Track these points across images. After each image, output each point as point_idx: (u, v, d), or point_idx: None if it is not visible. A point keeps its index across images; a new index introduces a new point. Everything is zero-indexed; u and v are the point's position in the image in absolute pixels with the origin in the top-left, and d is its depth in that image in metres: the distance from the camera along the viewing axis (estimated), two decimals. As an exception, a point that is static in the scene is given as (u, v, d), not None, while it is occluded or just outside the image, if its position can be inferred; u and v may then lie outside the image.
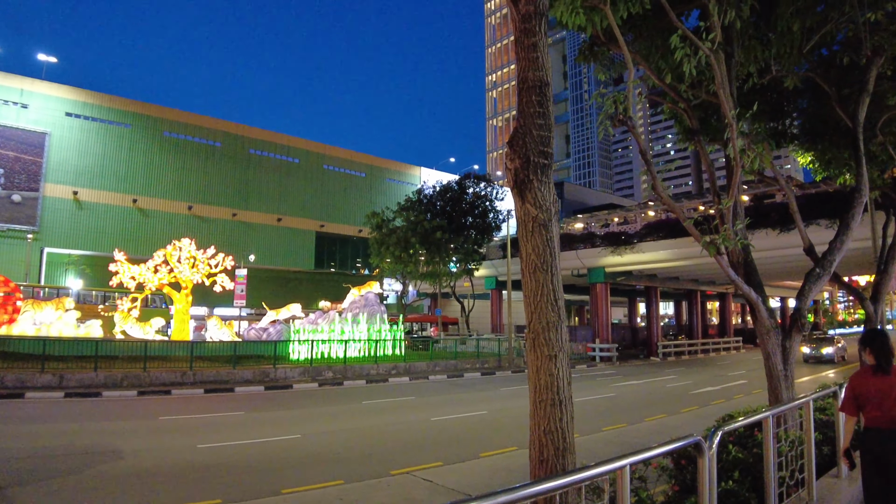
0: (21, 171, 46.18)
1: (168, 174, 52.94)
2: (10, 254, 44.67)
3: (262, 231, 57.03)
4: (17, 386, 19.78)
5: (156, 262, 29.35)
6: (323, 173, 62.22)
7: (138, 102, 53.37)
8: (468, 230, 45.29)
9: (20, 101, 46.82)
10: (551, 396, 4.99)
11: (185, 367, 23.37)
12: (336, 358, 28.65)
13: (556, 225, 5.32)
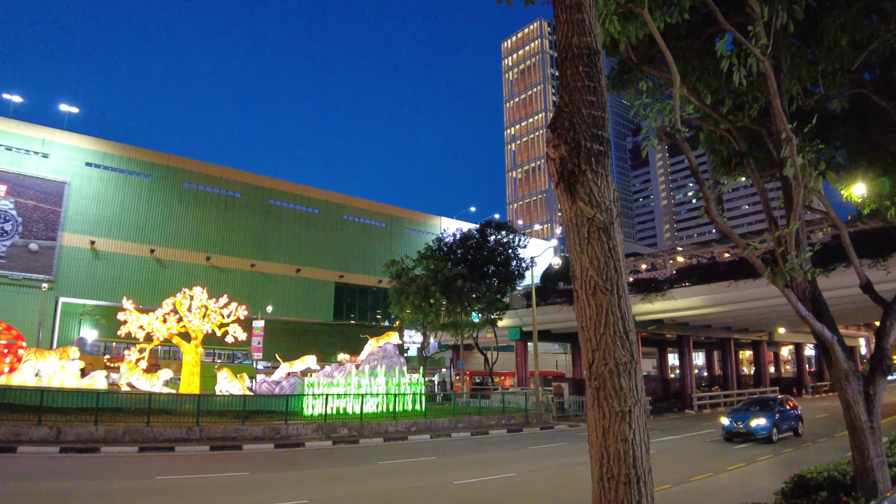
0: (39, 220, 46.14)
1: (186, 224, 52.69)
2: (25, 303, 44.21)
3: (280, 282, 56.23)
4: (9, 439, 18.49)
5: (164, 312, 28.20)
6: (342, 223, 61.68)
7: (158, 153, 53.66)
8: (490, 278, 43.87)
9: (41, 151, 47.18)
10: (625, 472, 3.59)
11: (191, 422, 21.92)
12: (352, 413, 27.03)
13: (620, 230, 3.96)
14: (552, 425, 30.83)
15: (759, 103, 9.29)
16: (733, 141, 9.55)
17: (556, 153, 4.00)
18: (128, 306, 28.18)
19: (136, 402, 23.24)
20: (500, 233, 46.09)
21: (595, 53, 4.08)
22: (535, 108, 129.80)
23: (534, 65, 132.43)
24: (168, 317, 28.38)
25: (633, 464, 3.59)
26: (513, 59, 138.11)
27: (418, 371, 33.24)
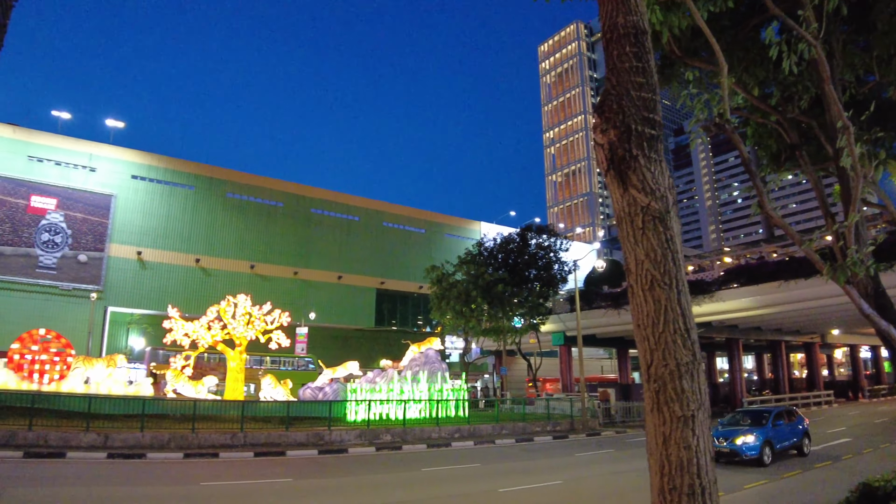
0: (88, 232, 47.54)
1: (230, 234, 53.59)
2: (74, 312, 45.44)
3: (322, 289, 56.71)
4: (60, 445, 18.87)
5: (209, 319, 28.53)
6: (382, 230, 62.00)
7: (202, 165, 54.84)
8: (532, 283, 43.34)
9: (89, 165, 48.67)
10: (688, 482, 3.28)
11: (235, 428, 22.04)
12: (395, 419, 26.90)
13: (677, 219, 3.67)
14: (598, 432, 30.19)
15: (809, 93, 8.88)
16: (783, 133, 9.12)
17: (604, 138, 3.76)
18: (173, 314, 28.55)
19: (182, 409, 23.50)
20: (542, 236, 45.58)
21: (642, 33, 3.86)
22: (574, 110, 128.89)
23: (571, 67, 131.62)
24: (213, 324, 28.67)
25: (697, 473, 3.29)
26: (550, 62, 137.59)
27: (460, 377, 33.01)
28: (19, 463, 16.74)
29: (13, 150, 47.28)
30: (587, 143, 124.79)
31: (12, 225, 45.99)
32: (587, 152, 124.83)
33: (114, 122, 54.16)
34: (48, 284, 46.29)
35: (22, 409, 21.08)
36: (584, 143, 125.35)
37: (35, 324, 31.97)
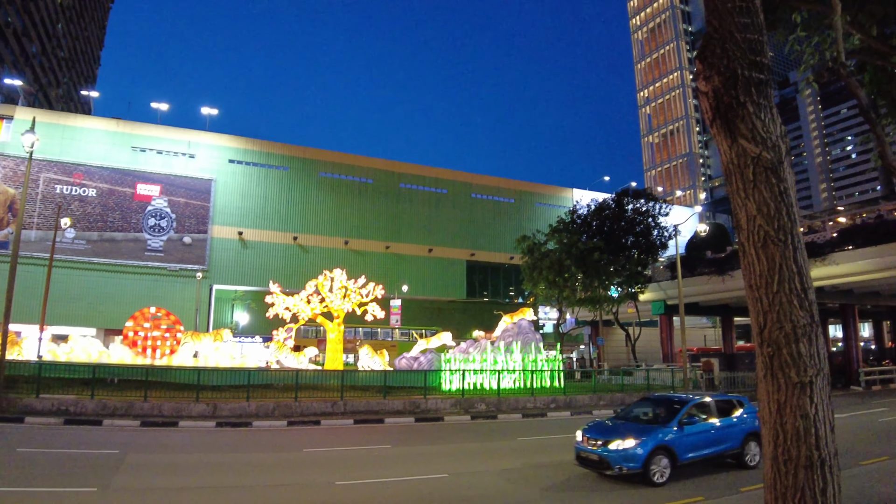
0: (191, 216, 50.33)
1: (324, 212, 55.16)
2: (182, 291, 48.48)
3: (413, 262, 57.51)
4: (172, 415, 20.06)
5: (308, 293, 29.64)
6: (471, 202, 61.90)
7: (295, 146, 56.59)
8: (629, 250, 42.10)
9: (188, 152, 51.36)
10: (805, 453, 2.99)
11: (335, 396, 22.78)
12: (489, 389, 27.01)
13: (791, 170, 3.34)
14: (701, 402, 29.17)
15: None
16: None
17: (707, 86, 3.47)
18: (275, 290, 29.91)
19: (285, 379, 24.55)
20: (639, 201, 44.04)
21: (744, -28, 3.52)
22: (669, 66, 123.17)
23: (664, 21, 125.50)
24: (311, 298, 29.80)
25: (815, 444, 3.01)
26: (640, 17, 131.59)
27: (555, 348, 32.65)
28: (137, 431, 17.93)
29: (118, 143, 50.49)
30: (685, 101, 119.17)
31: (121, 212, 49.30)
32: (685, 110, 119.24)
33: (209, 110, 56.74)
34: (157, 266, 49.44)
35: (137, 381, 22.53)
36: (682, 101, 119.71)
37: (146, 303, 34.21)
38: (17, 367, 22.50)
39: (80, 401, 19.80)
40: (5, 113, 48.83)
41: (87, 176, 49.00)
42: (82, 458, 13.28)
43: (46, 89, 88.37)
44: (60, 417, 18.62)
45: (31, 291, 37.48)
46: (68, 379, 22.46)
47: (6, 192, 47.45)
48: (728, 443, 12.98)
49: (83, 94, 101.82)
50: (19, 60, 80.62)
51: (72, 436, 16.26)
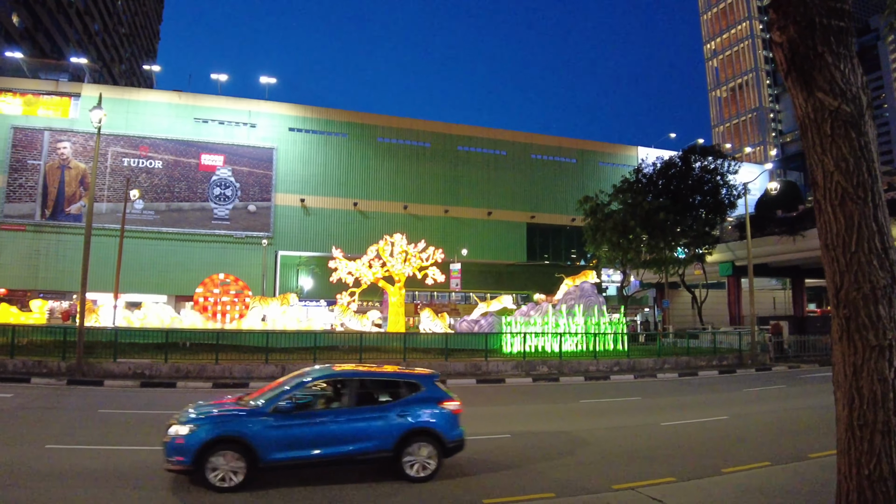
0: (254, 184, 51.72)
1: (383, 177, 55.59)
2: (249, 258, 50.06)
3: (473, 225, 57.44)
4: (243, 376, 20.86)
5: (370, 258, 30.16)
6: (531, 163, 61.03)
7: (353, 112, 56.99)
8: (696, 210, 40.89)
9: (249, 122, 52.58)
10: (882, 419, 2.86)
11: (398, 358, 23.30)
12: (551, 352, 26.94)
13: (872, 124, 3.11)
14: (769, 367, 28.40)
15: None
16: None
17: (782, 37, 3.24)
18: (337, 255, 30.56)
19: (349, 341, 25.12)
20: (706, 159, 42.56)
21: None
22: (738, 16, 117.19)
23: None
24: (373, 262, 30.32)
25: (893, 409, 2.86)
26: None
27: (619, 311, 32.27)
28: (210, 392, 18.54)
29: (181, 115, 51.97)
30: (754, 52, 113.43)
31: (187, 183, 51.02)
32: (755, 62, 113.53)
33: (267, 79, 57.65)
34: (223, 234, 51.18)
35: (208, 345, 23.43)
36: (751, 53, 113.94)
37: (214, 270, 35.43)
38: (95, 334, 23.68)
39: (155, 364, 20.76)
40: (73, 91, 50.88)
41: (152, 148, 50.77)
42: (158, 418, 13.90)
43: (110, 66, 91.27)
44: (137, 380, 19.59)
45: (104, 261, 39.35)
46: (143, 344, 23.52)
47: (77, 166, 49.64)
48: (370, 441, 8.87)
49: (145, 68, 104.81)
50: (83, 39, 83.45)
51: (148, 397, 17.07)
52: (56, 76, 53.48)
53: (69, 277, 46.60)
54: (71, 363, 20.03)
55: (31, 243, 48.76)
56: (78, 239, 46.69)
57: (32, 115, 50.24)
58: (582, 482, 8.98)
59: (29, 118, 50.07)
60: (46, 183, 49.44)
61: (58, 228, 49.22)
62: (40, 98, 50.63)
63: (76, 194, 49.81)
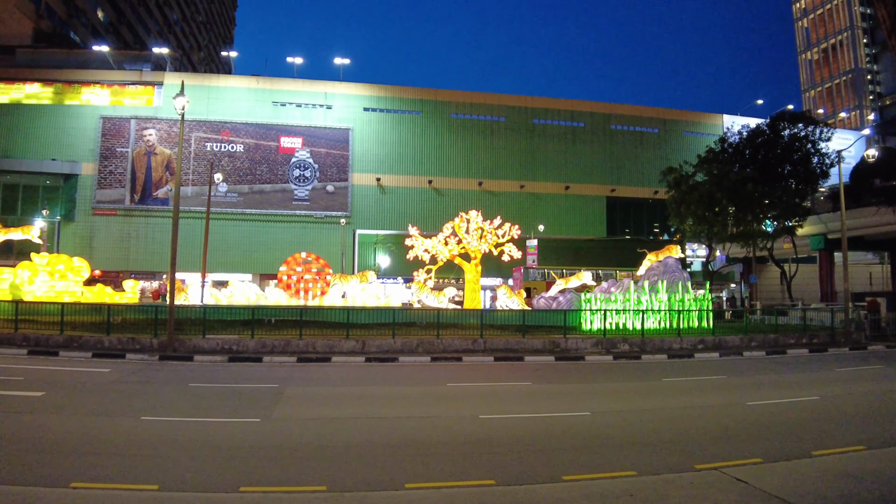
0: (332, 165, 52.92)
1: (458, 153, 55.49)
2: (328, 237, 51.45)
3: (550, 200, 56.57)
4: (325, 351, 21.29)
5: (446, 235, 30.19)
6: (610, 134, 59.32)
7: (426, 90, 56.98)
8: (786, 180, 38.85)
9: (325, 104, 53.74)
10: None
11: (475, 335, 23.23)
12: (632, 329, 26.23)
13: None
14: (864, 346, 26.68)
15: None
16: None
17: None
18: (413, 233, 30.74)
19: (426, 318, 25.26)
20: (796, 126, 40.29)
21: None
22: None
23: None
24: (449, 240, 30.32)
25: None
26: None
27: (703, 286, 31.03)
28: (294, 366, 19.12)
29: (260, 99, 53.42)
30: (849, 10, 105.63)
31: (268, 165, 52.55)
32: (850, 20, 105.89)
33: (341, 60, 58.46)
34: (303, 214, 52.62)
35: (292, 321, 23.96)
36: (846, 10, 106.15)
37: (296, 249, 36.41)
38: (184, 312, 24.61)
39: (242, 340, 21.46)
40: (156, 80, 53.00)
41: (233, 133, 52.46)
42: (246, 391, 14.37)
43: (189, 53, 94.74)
44: (225, 356, 20.28)
45: (191, 242, 41.02)
46: (230, 321, 24.37)
47: (163, 152, 51.86)
48: None
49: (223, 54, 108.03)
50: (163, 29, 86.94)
51: (236, 372, 17.61)
52: (139, 66, 55.70)
53: (158, 258, 49.25)
54: (162, 339, 20.95)
55: (122, 227, 51.37)
56: (165, 222, 49.05)
57: (119, 105, 52.56)
58: (663, 461, 8.68)
59: (116, 108, 52.42)
60: (134, 169, 51.81)
61: (146, 212, 51.61)
62: (126, 88, 52.89)
63: (162, 179, 52.05)
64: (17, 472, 7.68)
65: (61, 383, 14.75)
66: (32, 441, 9.25)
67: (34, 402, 12.30)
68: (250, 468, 8.17)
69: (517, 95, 59.05)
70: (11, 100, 52.04)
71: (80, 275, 29.36)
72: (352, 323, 23.26)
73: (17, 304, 23.43)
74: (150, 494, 7.04)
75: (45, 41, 57.79)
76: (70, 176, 51.22)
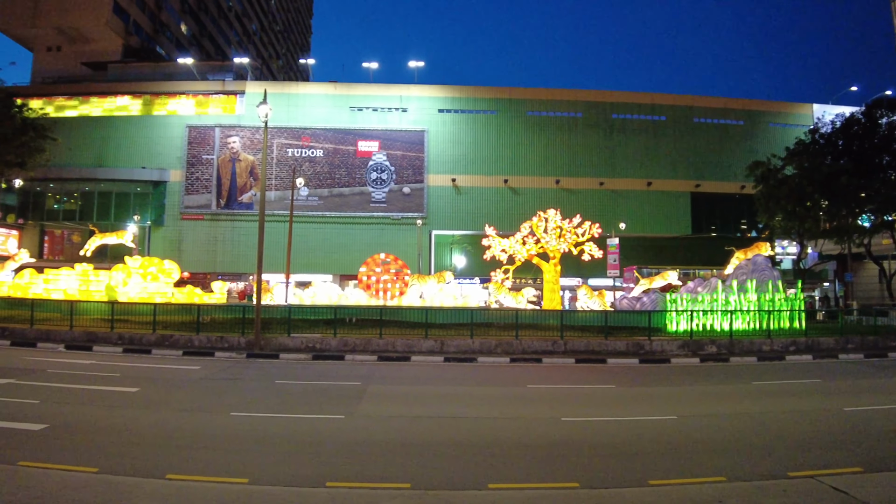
0: (408, 167, 53.68)
1: (534, 152, 54.93)
2: (404, 238, 52.13)
3: (631, 197, 55.07)
4: (404, 350, 21.48)
5: (523, 235, 29.92)
6: (693, 128, 57.16)
7: (500, 88, 56.75)
8: (884, 171, 36.48)
9: (400, 107, 54.52)
10: None
11: (555, 335, 22.78)
12: (720, 330, 25.19)
13: None
14: (980, 348, 24.77)
15: None
16: None
17: None
18: (490, 233, 30.60)
19: (504, 318, 25.00)
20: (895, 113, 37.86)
21: None
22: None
23: None
24: (527, 239, 30.03)
25: None
26: None
27: (795, 285, 29.51)
28: (374, 365, 19.35)
29: (338, 104, 54.60)
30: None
31: (347, 169, 53.76)
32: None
33: (415, 63, 59.08)
34: (380, 216, 53.36)
35: (372, 321, 24.34)
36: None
37: (374, 250, 36.97)
38: (270, 311, 25.37)
39: (325, 339, 21.97)
40: (238, 89, 55.21)
41: (313, 138, 53.94)
42: (330, 388, 14.63)
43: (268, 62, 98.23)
44: (309, 354, 20.73)
45: (274, 245, 42.24)
46: (313, 320, 24.98)
47: (246, 158, 53.90)
48: None
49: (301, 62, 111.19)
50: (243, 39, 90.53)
51: (319, 369, 17.97)
52: (222, 76, 58.11)
53: (243, 260, 51.18)
54: (249, 338, 21.67)
55: (209, 231, 53.60)
56: (250, 225, 51.02)
57: (204, 114, 54.95)
58: (754, 467, 8.28)
59: (201, 117, 54.81)
60: (220, 175, 53.98)
61: (232, 216, 53.62)
62: (210, 98, 55.26)
63: (247, 184, 54.00)
64: (117, 462, 8.06)
65: (155, 380, 15.44)
66: (130, 434, 9.69)
67: (130, 397, 12.92)
68: (336, 464, 8.29)
69: (595, 90, 57.67)
70: (105, 112, 55.26)
71: (170, 277, 30.82)
72: (430, 323, 23.38)
73: (113, 304, 24.78)
74: (241, 487, 7.22)
75: (134, 56, 61.69)
76: (159, 183, 53.85)
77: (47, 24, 59.97)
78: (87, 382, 14.52)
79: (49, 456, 8.27)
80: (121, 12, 61.61)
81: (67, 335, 22.52)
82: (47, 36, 61.32)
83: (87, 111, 55.50)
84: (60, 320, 24.08)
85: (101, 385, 14.22)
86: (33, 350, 20.92)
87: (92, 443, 9.12)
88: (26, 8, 59.84)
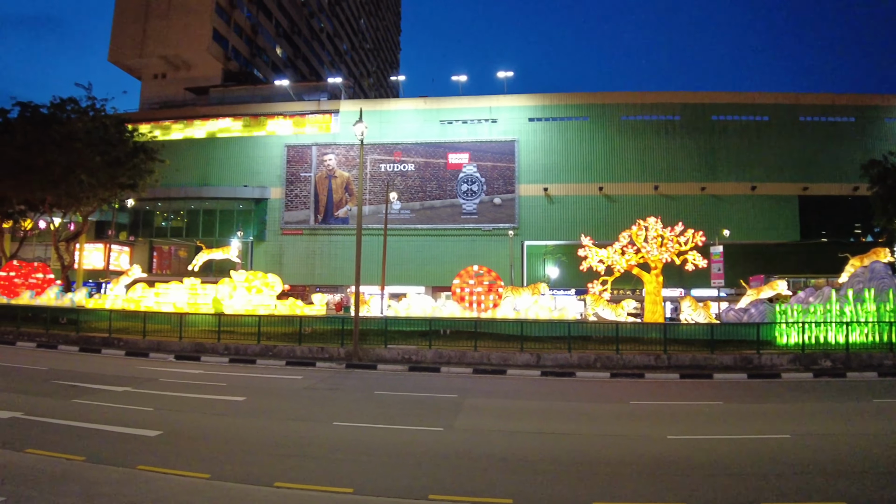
0: (498, 178, 53.65)
1: (629, 157, 53.44)
2: (496, 249, 52.03)
3: (734, 202, 52.51)
4: (499, 363, 21.28)
5: (622, 244, 29.02)
6: (800, 127, 53.89)
7: (592, 94, 55.66)
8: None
9: (490, 118, 54.62)
10: None
11: (658, 349, 21.89)
12: (835, 343, 23.50)
13: None
14: None
15: None
16: None
17: None
18: (586, 242, 29.84)
19: (604, 331, 24.31)
20: None
21: None
22: None
23: None
24: (626, 249, 29.09)
25: None
26: None
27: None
28: (470, 378, 19.29)
29: (428, 119, 55.33)
30: None
31: (437, 182, 54.33)
32: None
33: (504, 74, 58.82)
34: (472, 227, 53.44)
35: (467, 333, 24.41)
36: None
37: (466, 262, 36.98)
38: (367, 323, 25.80)
39: (420, 350, 22.10)
40: (332, 108, 57.18)
41: (405, 153, 54.99)
42: (427, 400, 14.66)
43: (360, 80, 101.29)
44: (405, 365, 20.94)
45: (369, 257, 43.28)
46: (408, 332, 25.20)
47: (342, 175, 55.65)
48: None
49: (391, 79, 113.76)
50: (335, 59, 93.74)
51: (416, 381, 18.09)
52: (317, 97, 60.56)
53: (340, 273, 52.74)
54: (348, 349, 22.13)
55: (307, 245, 55.59)
56: (346, 239, 52.36)
57: (301, 133, 57.33)
58: (880, 492, 7.71)
59: (298, 136, 57.19)
60: (317, 191, 55.96)
61: (329, 231, 55.39)
62: (306, 117, 57.59)
63: (342, 200, 55.63)
64: (227, 469, 8.34)
65: (260, 389, 15.99)
66: (238, 442, 10.03)
67: (238, 406, 13.41)
68: (437, 476, 8.26)
69: (692, 92, 55.43)
70: (208, 133, 58.82)
71: (273, 290, 31.98)
72: (525, 336, 22.99)
73: (220, 316, 25.91)
74: (347, 497, 7.32)
75: (233, 80, 65.47)
76: (260, 200, 56.41)
77: (153, 54, 64.88)
78: (196, 391, 15.21)
79: (164, 461, 8.67)
80: (220, 39, 65.57)
81: (177, 346, 23.81)
82: (153, 65, 66.22)
83: (191, 134, 59.23)
84: (170, 332, 25.46)
85: (210, 394, 14.84)
86: (146, 360, 22.14)
87: (203, 449, 9.51)
88: (135, 40, 65.01)
